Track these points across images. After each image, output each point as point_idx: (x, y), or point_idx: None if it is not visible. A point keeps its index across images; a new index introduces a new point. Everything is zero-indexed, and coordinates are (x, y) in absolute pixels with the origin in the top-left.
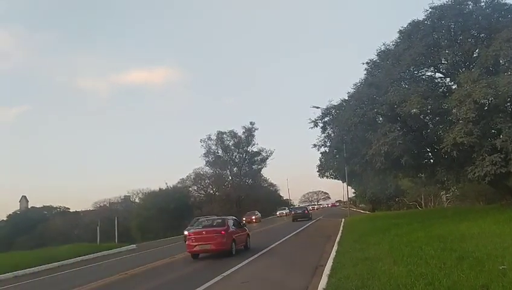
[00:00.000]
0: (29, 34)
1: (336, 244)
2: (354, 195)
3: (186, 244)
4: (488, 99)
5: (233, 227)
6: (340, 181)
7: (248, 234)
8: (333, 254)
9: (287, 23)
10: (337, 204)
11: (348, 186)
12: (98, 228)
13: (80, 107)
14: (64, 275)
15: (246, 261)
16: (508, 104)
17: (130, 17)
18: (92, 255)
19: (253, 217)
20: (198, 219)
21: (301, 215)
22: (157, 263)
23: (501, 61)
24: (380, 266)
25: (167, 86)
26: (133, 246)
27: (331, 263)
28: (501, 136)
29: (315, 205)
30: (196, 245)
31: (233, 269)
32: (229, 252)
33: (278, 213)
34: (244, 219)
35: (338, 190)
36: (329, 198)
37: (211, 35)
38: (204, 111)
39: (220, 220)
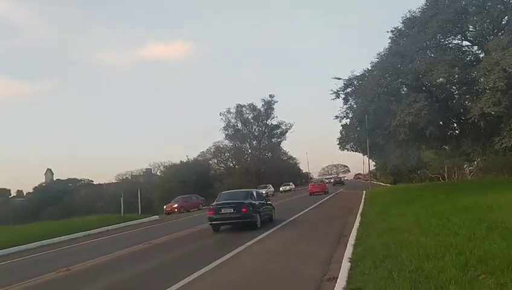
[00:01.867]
0: (48, 8)
1: (358, 215)
2: (374, 168)
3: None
4: None
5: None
6: (361, 154)
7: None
8: (356, 224)
9: None
10: (360, 177)
11: (369, 159)
12: (121, 199)
13: (102, 82)
14: (91, 244)
15: (268, 231)
16: None
17: None
18: (116, 226)
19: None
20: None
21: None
22: (180, 233)
23: None
24: (406, 237)
25: (186, 59)
26: (156, 217)
27: (355, 234)
28: None
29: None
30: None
31: (257, 239)
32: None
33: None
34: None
35: (358, 163)
36: (349, 171)
37: (229, 7)
38: (223, 84)
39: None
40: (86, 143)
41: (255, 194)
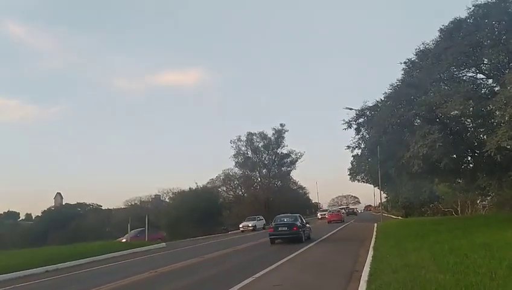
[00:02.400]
0: (71, 36)
1: (370, 249)
2: (385, 200)
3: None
4: None
5: (302, 220)
6: (371, 185)
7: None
8: (369, 259)
9: (319, 23)
10: (371, 209)
11: (381, 191)
12: (128, 225)
13: (113, 107)
14: (95, 271)
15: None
16: None
17: (164, 20)
18: (122, 252)
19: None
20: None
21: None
22: (187, 261)
23: None
24: (423, 274)
25: (199, 87)
26: (163, 244)
27: (368, 269)
28: None
29: (353, 208)
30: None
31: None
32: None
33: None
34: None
35: (368, 195)
36: (359, 203)
37: (243, 37)
38: (235, 113)
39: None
40: (97, 168)
41: (300, 218)
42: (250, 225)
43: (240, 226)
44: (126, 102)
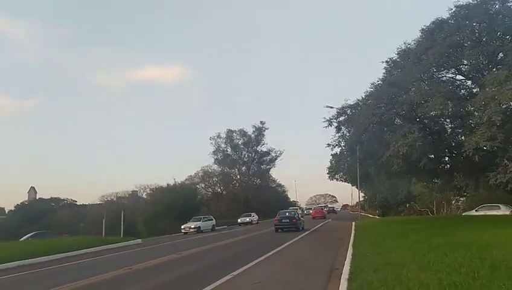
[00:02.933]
0: (45, 28)
1: (350, 247)
2: (363, 199)
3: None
4: None
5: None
6: (349, 185)
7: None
8: (348, 257)
9: (300, 22)
10: (348, 208)
11: (359, 190)
12: (103, 221)
13: (91, 101)
14: (67, 267)
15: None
16: None
17: (145, 15)
18: (96, 248)
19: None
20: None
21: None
22: (164, 258)
23: None
24: (404, 273)
25: (179, 83)
26: (139, 240)
27: (348, 267)
28: None
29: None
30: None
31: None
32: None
33: (239, 220)
34: (239, 220)
35: (345, 194)
36: (337, 201)
37: (224, 34)
38: (215, 110)
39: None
40: (73, 162)
41: (298, 212)
42: (192, 226)
43: (182, 227)
44: (104, 96)
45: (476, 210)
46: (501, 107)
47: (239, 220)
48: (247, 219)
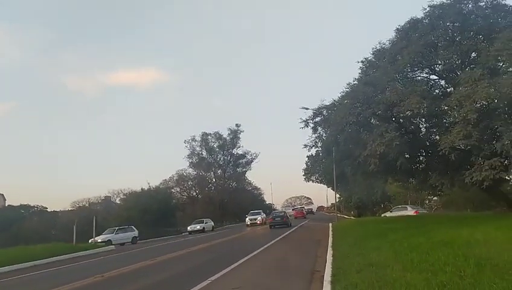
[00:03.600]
0: (18, 31)
1: (329, 248)
2: (338, 200)
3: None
4: (489, 101)
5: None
6: (325, 186)
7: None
8: (329, 258)
9: (275, 23)
10: (323, 209)
11: (336, 191)
12: (74, 227)
13: (63, 106)
14: (34, 276)
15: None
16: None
17: (119, 17)
18: (67, 256)
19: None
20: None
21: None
22: (138, 264)
23: (501, 62)
24: (389, 273)
25: (154, 87)
26: (112, 247)
27: (330, 269)
28: (503, 139)
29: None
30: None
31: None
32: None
33: (188, 228)
34: (189, 228)
35: (321, 196)
36: (312, 203)
37: (198, 37)
38: (190, 113)
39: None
40: (43, 168)
41: (286, 213)
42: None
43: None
44: (76, 100)
45: (390, 211)
46: (476, 105)
47: (189, 228)
48: (198, 227)
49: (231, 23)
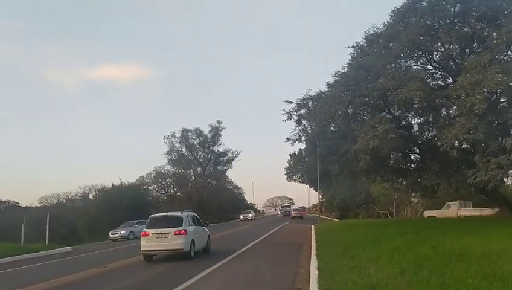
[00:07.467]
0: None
1: (313, 257)
2: (321, 201)
3: None
4: (499, 90)
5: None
6: (307, 186)
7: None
8: (313, 272)
9: (257, 19)
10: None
11: (319, 191)
12: (22, 225)
13: (38, 99)
14: None
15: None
16: None
17: (102, 13)
18: (13, 258)
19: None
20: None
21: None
22: (89, 271)
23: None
24: None
25: (135, 83)
26: (68, 248)
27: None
28: None
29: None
30: None
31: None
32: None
33: (241, 217)
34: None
35: (302, 197)
36: (294, 204)
37: (181, 35)
38: (172, 110)
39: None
40: (16, 163)
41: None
42: None
43: None
44: (54, 94)
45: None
46: (485, 94)
47: (110, 233)
48: (123, 232)
49: (212, 19)
